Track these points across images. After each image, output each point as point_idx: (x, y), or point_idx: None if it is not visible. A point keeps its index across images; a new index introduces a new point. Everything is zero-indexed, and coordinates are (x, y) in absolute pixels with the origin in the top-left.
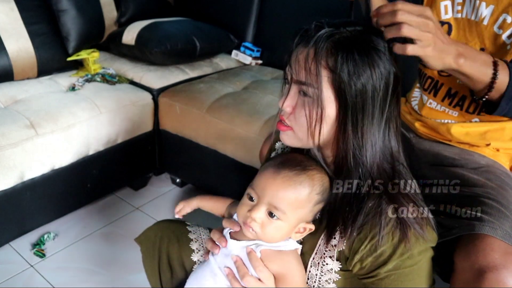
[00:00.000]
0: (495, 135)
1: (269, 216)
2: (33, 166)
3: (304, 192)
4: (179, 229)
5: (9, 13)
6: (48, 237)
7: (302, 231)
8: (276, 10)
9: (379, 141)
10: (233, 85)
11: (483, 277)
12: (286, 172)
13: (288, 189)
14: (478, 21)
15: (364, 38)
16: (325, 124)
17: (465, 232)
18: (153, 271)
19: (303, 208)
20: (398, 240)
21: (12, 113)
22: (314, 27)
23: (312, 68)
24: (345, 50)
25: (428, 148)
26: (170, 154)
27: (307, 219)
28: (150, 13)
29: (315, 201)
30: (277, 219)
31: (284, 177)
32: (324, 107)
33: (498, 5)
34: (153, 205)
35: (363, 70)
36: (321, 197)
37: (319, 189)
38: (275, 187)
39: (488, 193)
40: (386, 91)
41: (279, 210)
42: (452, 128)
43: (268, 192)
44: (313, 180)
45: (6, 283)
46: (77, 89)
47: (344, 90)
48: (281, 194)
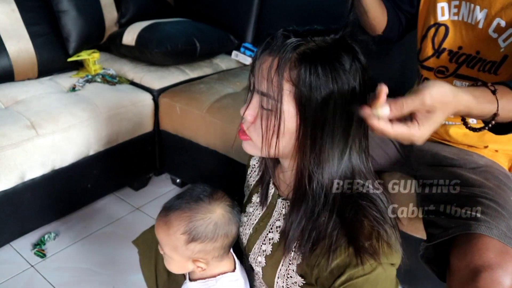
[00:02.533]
0: (493, 137)
1: (163, 253)
2: (33, 167)
3: (168, 232)
4: None
5: (10, 14)
6: (48, 237)
7: (202, 267)
8: (276, 11)
9: (338, 160)
10: (233, 85)
11: (479, 277)
12: (161, 214)
13: (158, 231)
14: (474, 24)
15: (330, 51)
16: (284, 137)
17: (461, 231)
18: (150, 273)
19: (176, 248)
20: (351, 252)
21: (13, 113)
22: (280, 36)
23: (274, 80)
24: (309, 63)
25: (427, 148)
26: (170, 155)
27: (192, 257)
28: (150, 14)
29: (184, 240)
30: (167, 256)
31: (158, 218)
32: (283, 120)
33: (491, 9)
34: (153, 206)
35: (326, 85)
36: (188, 236)
37: (182, 229)
38: (155, 229)
39: (485, 193)
40: (347, 108)
41: (160, 247)
42: (451, 129)
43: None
44: (177, 221)
45: (6, 283)
46: (77, 89)
47: (305, 104)
48: (158, 235)
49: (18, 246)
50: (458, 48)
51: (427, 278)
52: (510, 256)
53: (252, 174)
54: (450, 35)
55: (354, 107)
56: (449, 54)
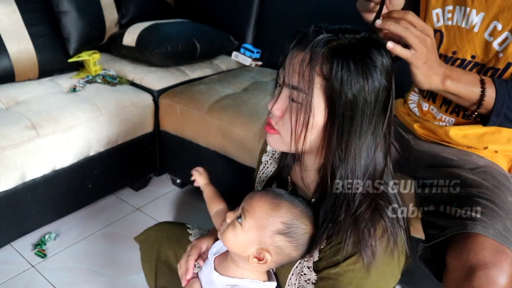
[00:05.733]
0: (493, 137)
1: (236, 219)
2: (34, 167)
3: (270, 212)
4: (179, 231)
5: (10, 15)
6: (49, 237)
7: (261, 258)
8: (276, 11)
9: (363, 156)
10: (233, 86)
11: (474, 275)
12: (269, 192)
13: (258, 202)
14: (469, 28)
15: (362, 47)
16: (312, 131)
17: (458, 231)
18: (150, 270)
19: (263, 228)
20: (353, 253)
21: (14, 114)
22: (312, 31)
23: (306, 74)
24: (341, 58)
25: (426, 149)
26: (170, 155)
27: (265, 245)
28: (151, 15)
29: (277, 229)
30: (239, 225)
31: (264, 194)
32: (312, 114)
33: (489, 13)
34: (154, 206)
35: (357, 80)
36: (285, 228)
37: (285, 219)
38: (251, 197)
39: (483, 193)
40: (376, 105)
41: (244, 216)
42: (450, 131)
43: (247, 199)
44: (286, 210)
45: (7, 283)
46: (78, 90)
47: (335, 99)
48: (253, 203)
49: (18, 246)
50: (453, 53)
51: (426, 278)
52: (506, 255)
53: (265, 170)
54: (445, 41)
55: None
56: (444, 59)
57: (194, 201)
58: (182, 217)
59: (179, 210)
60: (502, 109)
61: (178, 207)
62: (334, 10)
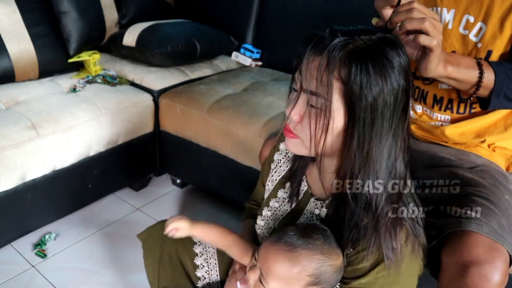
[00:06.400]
0: (489, 130)
1: (259, 281)
2: (34, 167)
3: (292, 270)
4: None
5: (10, 15)
6: (49, 237)
7: None
8: (276, 12)
9: (384, 158)
10: (233, 86)
11: (467, 272)
12: (281, 246)
13: (276, 263)
14: (444, 26)
15: (378, 49)
16: (331, 134)
17: (452, 229)
18: (153, 268)
19: (292, 285)
20: (380, 259)
21: (14, 114)
22: (328, 35)
23: (324, 79)
24: (359, 61)
25: (424, 149)
26: (170, 155)
27: None
28: (151, 15)
29: (307, 282)
30: (264, 286)
31: (277, 250)
32: (332, 118)
33: (459, 8)
34: (154, 206)
35: (376, 82)
36: (314, 279)
37: (311, 271)
38: (267, 257)
39: (479, 192)
40: (395, 106)
41: (265, 279)
42: (446, 129)
43: (262, 259)
44: (307, 260)
45: (7, 283)
46: (78, 90)
47: (355, 103)
48: (270, 265)
49: (19, 246)
50: None
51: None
52: (499, 252)
53: (277, 169)
54: None
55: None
56: None
57: (194, 201)
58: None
59: (179, 210)
60: (502, 89)
61: (178, 207)
62: (334, 10)
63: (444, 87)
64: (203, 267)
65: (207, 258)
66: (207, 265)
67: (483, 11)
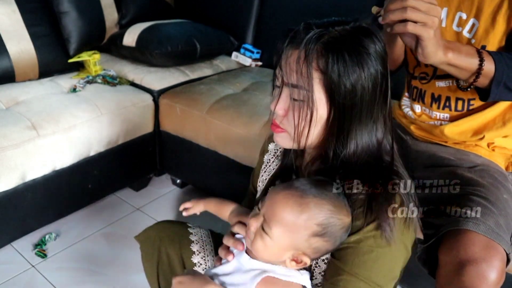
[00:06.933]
0: (488, 126)
1: (262, 229)
2: (34, 167)
3: (300, 216)
4: (180, 230)
5: (11, 15)
6: (49, 237)
7: (299, 261)
8: (275, 12)
9: (364, 140)
10: (233, 86)
11: (464, 270)
12: (292, 191)
13: (284, 207)
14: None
15: (353, 38)
16: (316, 125)
17: (450, 228)
18: (152, 269)
19: (296, 233)
20: (372, 219)
21: (14, 114)
22: (302, 29)
23: (304, 71)
24: (335, 51)
25: (424, 149)
26: (170, 155)
27: (302, 249)
28: (151, 15)
29: (313, 232)
30: (266, 234)
31: (287, 194)
32: (315, 108)
33: (451, 6)
34: (154, 206)
35: (353, 70)
36: (322, 230)
37: (320, 220)
38: (274, 201)
39: (478, 191)
40: (374, 91)
41: (268, 225)
42: (446, 129)
43: (268, 204)
44: (318, 209)
45: (7, 283)
46: (78, 90)
47: (334, 91)
48: (275, 210)
49: (19, 246)
50: None
51: (426, 279)
52: (496, 251)
53: (267, 168)
54: None
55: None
56: None
57: None
58: (182, 217)
59: (179, 210)
60: (502, 78)
61: (178, 207)
62: (334, 10)
63: (441, 85)
64: (199, 253)
65: (204, 256)
66: (203, 251)
67: (474, 8)
